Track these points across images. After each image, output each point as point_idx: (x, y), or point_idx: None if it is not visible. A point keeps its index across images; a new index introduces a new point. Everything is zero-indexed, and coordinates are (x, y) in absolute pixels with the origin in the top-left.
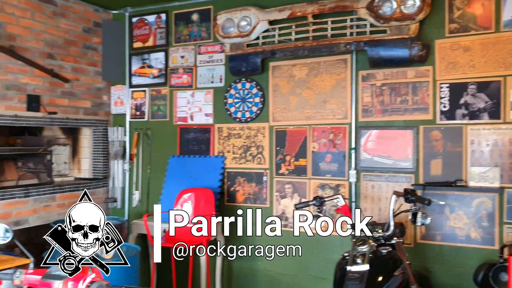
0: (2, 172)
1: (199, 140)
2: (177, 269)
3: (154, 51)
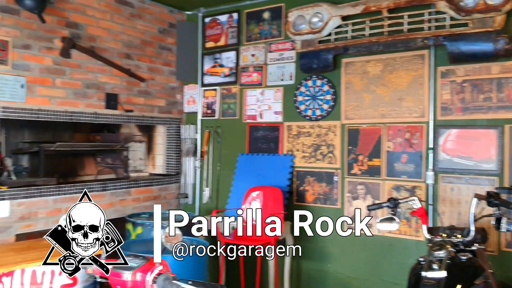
0: (82, 167)
1: (268, 138)
2: (246, 267)
3: (226, 50)
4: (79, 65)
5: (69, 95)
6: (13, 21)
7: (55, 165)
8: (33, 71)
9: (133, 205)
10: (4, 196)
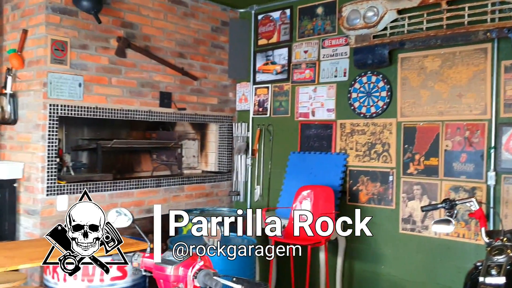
0: (139, 164)
1: (320, 136)
2: (297, 266)
3: (278, 47)
4: (134, 64)
5: (125, 94)
6: (72, 22)
7: (112, 161)
8: (90, 70)
9: (186, 201)
10: (63, 191)
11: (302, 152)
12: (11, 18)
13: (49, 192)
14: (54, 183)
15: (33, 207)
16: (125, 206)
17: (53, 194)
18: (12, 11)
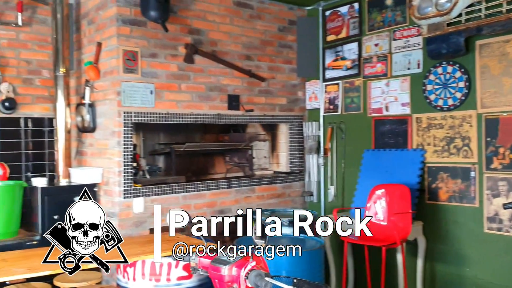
0: (213, 166)
1: (395, 132)
2: (375, 268)
3: (347, 42)
4: (202, 69)
5: (194, 99)
6: (141, 32)
7: (187, 164)
8: (160, 77)
9: (258, 202)
10: (139, 193)
11: (377, 149)
12: (87, 33)
13: (125, 195)
14: (130, 187)
15: (111, 209)
16: (197, 208)
17: (130, 197)
18: (88, 26)
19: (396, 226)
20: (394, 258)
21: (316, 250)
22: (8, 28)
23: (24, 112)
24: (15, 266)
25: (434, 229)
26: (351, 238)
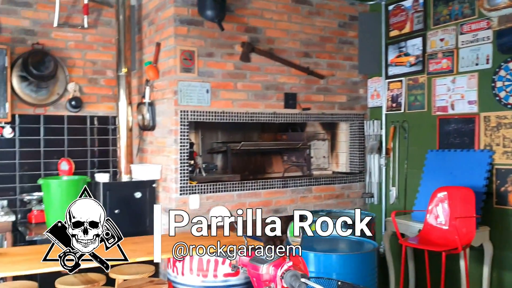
0: (270, 165)
1: (461, 131)
2: (436, 274)
3: (411, 38)
4: (259, 67)
5: (250, 97)
6: (198, 32)
7: (244, 163)
8: (216, 76)
9: (314, 203)
10: (195, 191)
11: (441, 150)
12: (148, 33)
13: (182, 192)
14: (186, 184)
15: (169, 205)
16: (252, 206)
17: (186, 194)
18: (148, 27)
19: (458, 231)
20: (457, 264)
21: (368, 253)
22: (75, 30)
23: (89, 110)
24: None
25: (503, 235)
26: (411, 242)
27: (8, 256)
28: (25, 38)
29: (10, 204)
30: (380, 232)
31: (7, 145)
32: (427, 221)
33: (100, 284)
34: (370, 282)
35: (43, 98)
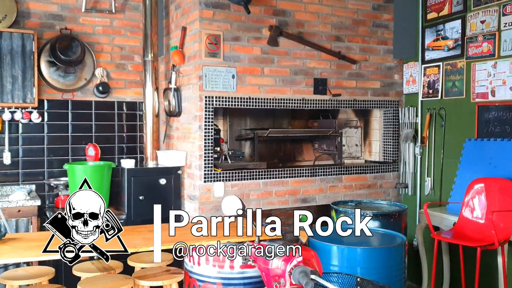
0: (301, 153)
1: (502, 120)
2: (471, 270)
3: (450, 20)
4: (287, 52)
5: (277, 83)
6: (224, 15)
7: (273, 150)
8: (242, 61)
9: (345, 193)
10: (220, 178)
11: (480, 139)
12: (175, 18)
13: (206, 179)
14: (211, 171)
15: (193, 192)
16: (279, 195)
17: (210, 181)
18: (175, 11)
19: (495, 225)
20: (495, 260)
21: (394, 247)
22: (103, 15)
23: (117, 96)
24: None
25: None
26: (444, 236)
27: (23, 242)
28: (53, 23)
29: (38, 188)
30: (414, 224)
31: (35, 130)
32: (463, 214)
33: (116, 272)
34: (397, 277)
35: (70, 83)
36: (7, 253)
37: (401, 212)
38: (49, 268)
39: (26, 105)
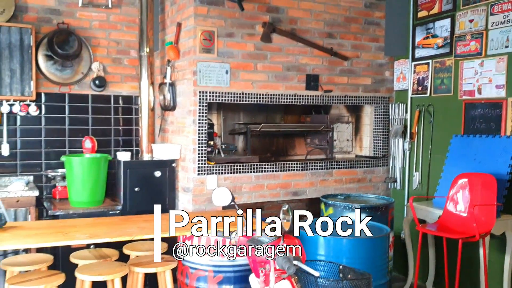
0: (293, 147)
1: (487, 117)
2: (455, 262)
3: (439, 19)
4: (280, 48)
5: (270, 78)
6: (218, 12)
7: (266, 144)
8: (236, 57)
9: (335, 186)
10: (213, 171)
11: (466, 135)
12: (170, 13)
13: (199, 172)
14: (204, 164)
15: (187, 185)
16: (270, 188)
17: (203, 174)
18: (171, 7)
19: (477, 219)
20: (477, 252)
21: (378, 238)
22: (99, 10)
23: (113, 90)
24: (80, 232)
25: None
26: (428, 228)
27: (23, 230)
28: (50, 17)
29: (36, 179)
30: (402, 217)
31: (33, 123)
32: (447, 208)
33: (112, 259)
34: (381, 267)
35: (68, 77)
36: (9, 240)
37: (387, 206)
38: (47, 255)
39: (24, 98)
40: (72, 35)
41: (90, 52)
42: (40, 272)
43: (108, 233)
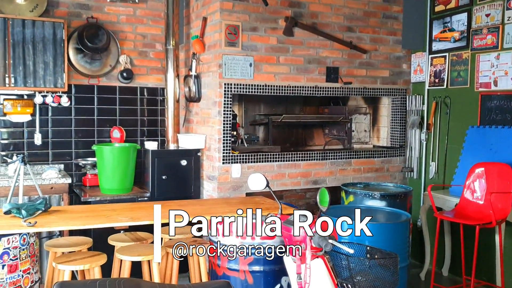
0: (312, 138)
1: (503, 108)
2: (471, 248)
3: (457, 13)
4: (301, 42)
5: (292, 71)
6: (243, 7)
7: (286, 135)
8: (259, 50)
9: (354, 175)
10: (237, 160)
11: (482, 126)
12: (195, 8)
13: (224, 161)
14: (229, 153)
15: (212, 173)
16: (292, 177)
17: (228, 163)
18: (196, 1)
19: (494, 206)
20: (493, 239)
21: (400, 223)
22: (126, 4)
23: (140, 82)
24: (121, 215)
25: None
26: (446, 215)
27: (67, 213)
28: (80, 12)
29: (66, 168)
30: (418, 206)
31: (64, 113)
32: (464, 195)
33: (148, 242)
34: (402, 251)
35: (96, 70)
36: (56, 222)
37: (406, 193)
38: (87, 238)
39: (57, 89)
40: (101, 29)
41: (117, 45)
42: (82, 253)
43: (148, 216)
